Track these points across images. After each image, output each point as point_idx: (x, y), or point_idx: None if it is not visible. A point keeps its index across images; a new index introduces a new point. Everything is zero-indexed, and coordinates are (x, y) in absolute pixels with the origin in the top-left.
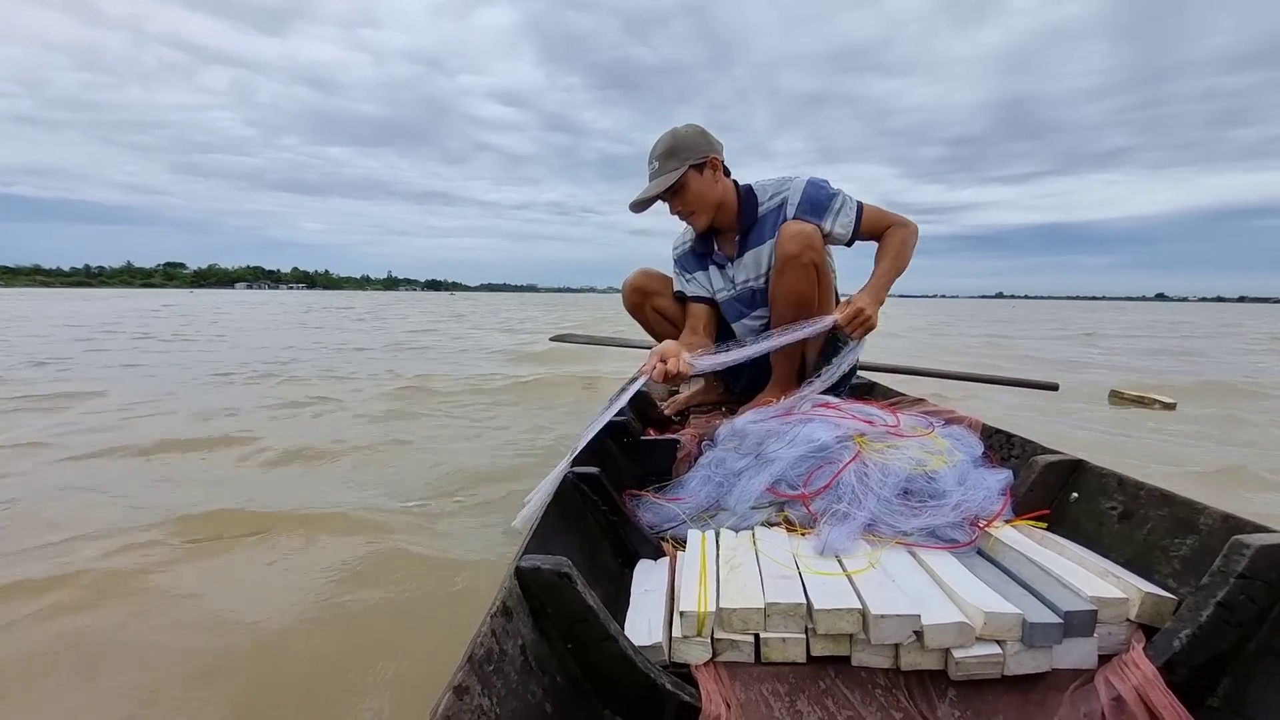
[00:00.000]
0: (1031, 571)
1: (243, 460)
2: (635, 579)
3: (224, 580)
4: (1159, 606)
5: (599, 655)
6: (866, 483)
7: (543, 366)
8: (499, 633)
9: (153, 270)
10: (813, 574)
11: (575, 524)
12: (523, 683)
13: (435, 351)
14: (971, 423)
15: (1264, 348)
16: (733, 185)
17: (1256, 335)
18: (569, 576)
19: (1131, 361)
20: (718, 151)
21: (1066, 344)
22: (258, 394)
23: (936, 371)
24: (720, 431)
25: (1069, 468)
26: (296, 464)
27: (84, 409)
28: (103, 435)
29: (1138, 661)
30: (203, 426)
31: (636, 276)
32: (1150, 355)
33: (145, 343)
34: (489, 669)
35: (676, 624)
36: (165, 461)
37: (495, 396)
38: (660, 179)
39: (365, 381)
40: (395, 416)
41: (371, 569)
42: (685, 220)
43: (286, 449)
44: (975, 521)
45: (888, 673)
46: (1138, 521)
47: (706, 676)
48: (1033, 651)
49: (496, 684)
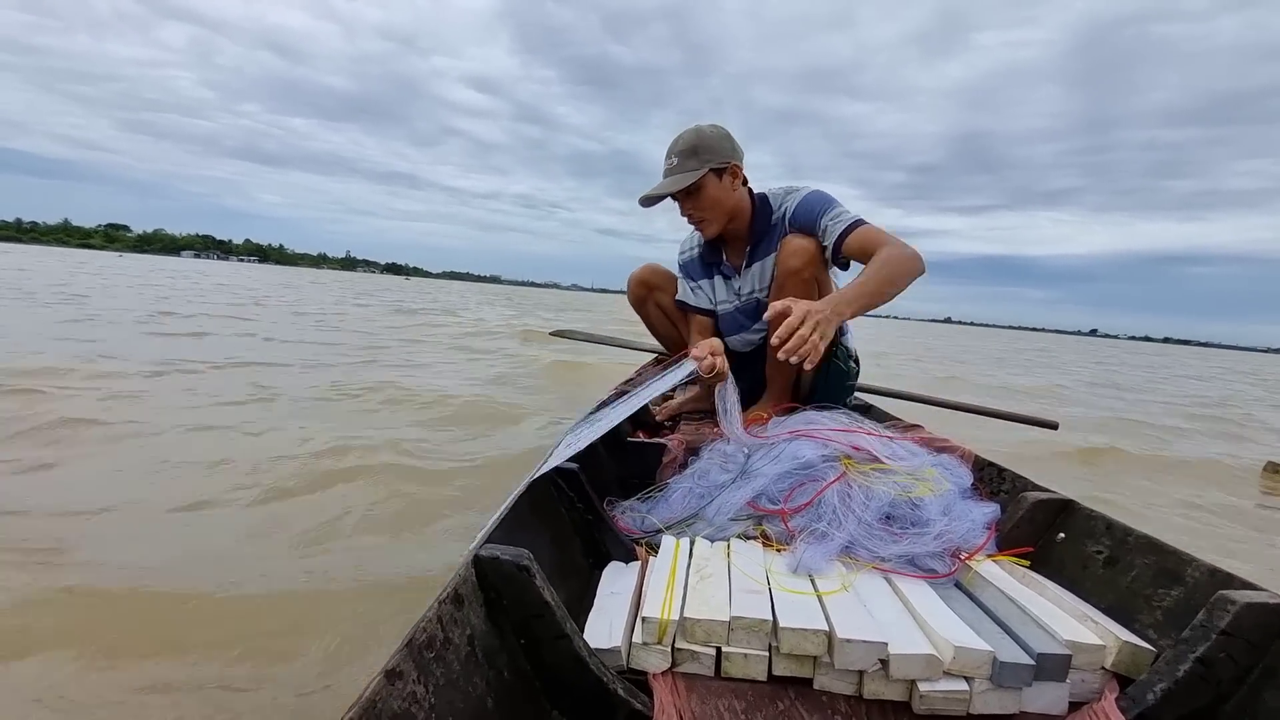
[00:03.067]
0: (1009, 609)
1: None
2: (603, 581)
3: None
4: (1136, 656)
5: (552, 653)
6: (849, 504)
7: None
8: (446, 620)
9: (93, 230)
10: (783, 591)
11: (547, 519)
12: (465, 674)
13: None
14: (964, 453)
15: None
16: (748, 195)
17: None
18: (528, 570)
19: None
20: (739, 159)
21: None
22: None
23: (934, 400)
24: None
25: (1058, 507)
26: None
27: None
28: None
29: (1109, 712)
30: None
31: (643, 271)
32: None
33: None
34: (429, 655)
35: (638, 630)
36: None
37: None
38: (677, 177)
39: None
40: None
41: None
42: (695, 224)
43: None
44: (956, 553)
45: (849, 700)
46: (1123, 568)
47: (662, 686)
48: (1001, 692)
49: (436, 672)
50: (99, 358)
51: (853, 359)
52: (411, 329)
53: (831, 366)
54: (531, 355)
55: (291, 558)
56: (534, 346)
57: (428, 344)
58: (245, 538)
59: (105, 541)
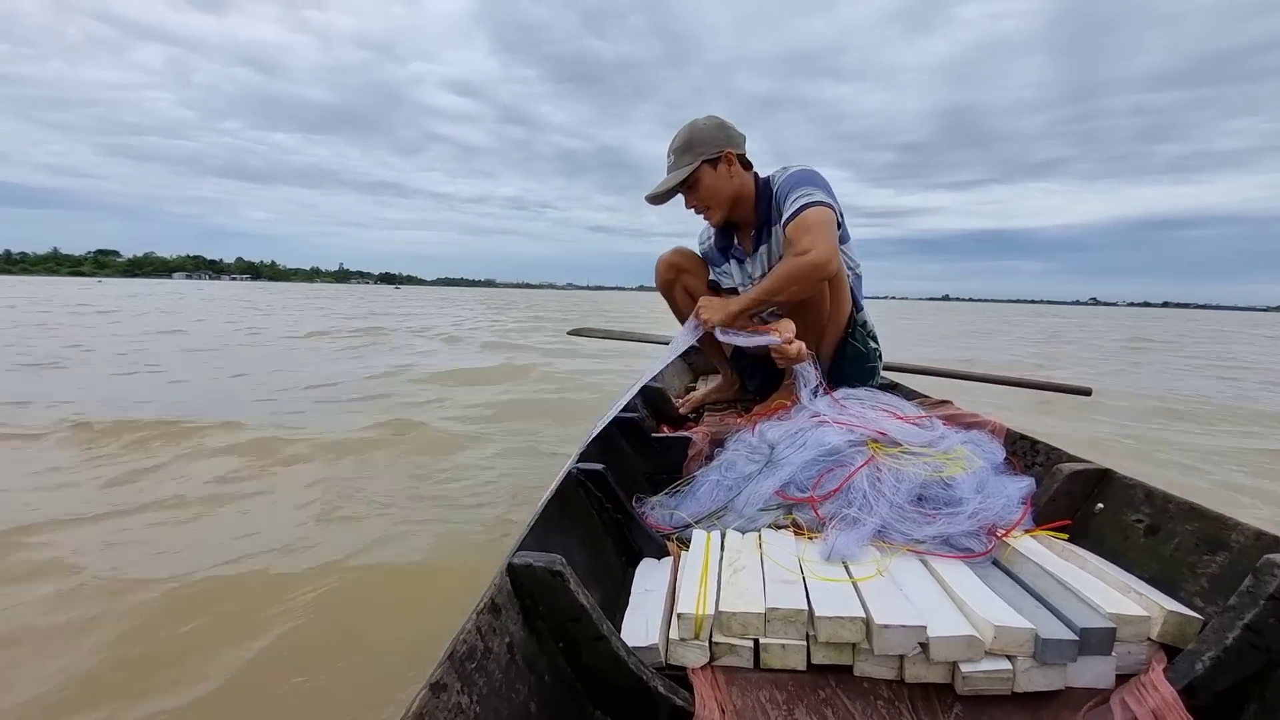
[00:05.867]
0: (1049, 585)
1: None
2: (636, 579)
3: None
4: (1182, 626)
5: (591, 655)
6: (879, 488)
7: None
8: (485, 630)
9: (82, 258)
10: (817, 580)
11: (577, 521)
12: (507, 681)
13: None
14: (995, 427)
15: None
16: (752, 179)
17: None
18: (562, 575)
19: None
20: (736, 145)
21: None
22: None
23: (962, 373)
24: (732, 437)
25: (1095, 477)
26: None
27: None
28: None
29: (1157, 683)
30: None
31: (671, 254)
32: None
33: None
34: (471, 666)
35: (674, 626)
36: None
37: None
38: (673, 174)
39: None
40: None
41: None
42: (701, 215)
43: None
44: (992, 531)
45: (891, 684)
46: (1165, 536)
47: (702, 680)
48: (1045, 668)
49: (478, 681)
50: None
51: (871, 338)
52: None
53: (849, 347)
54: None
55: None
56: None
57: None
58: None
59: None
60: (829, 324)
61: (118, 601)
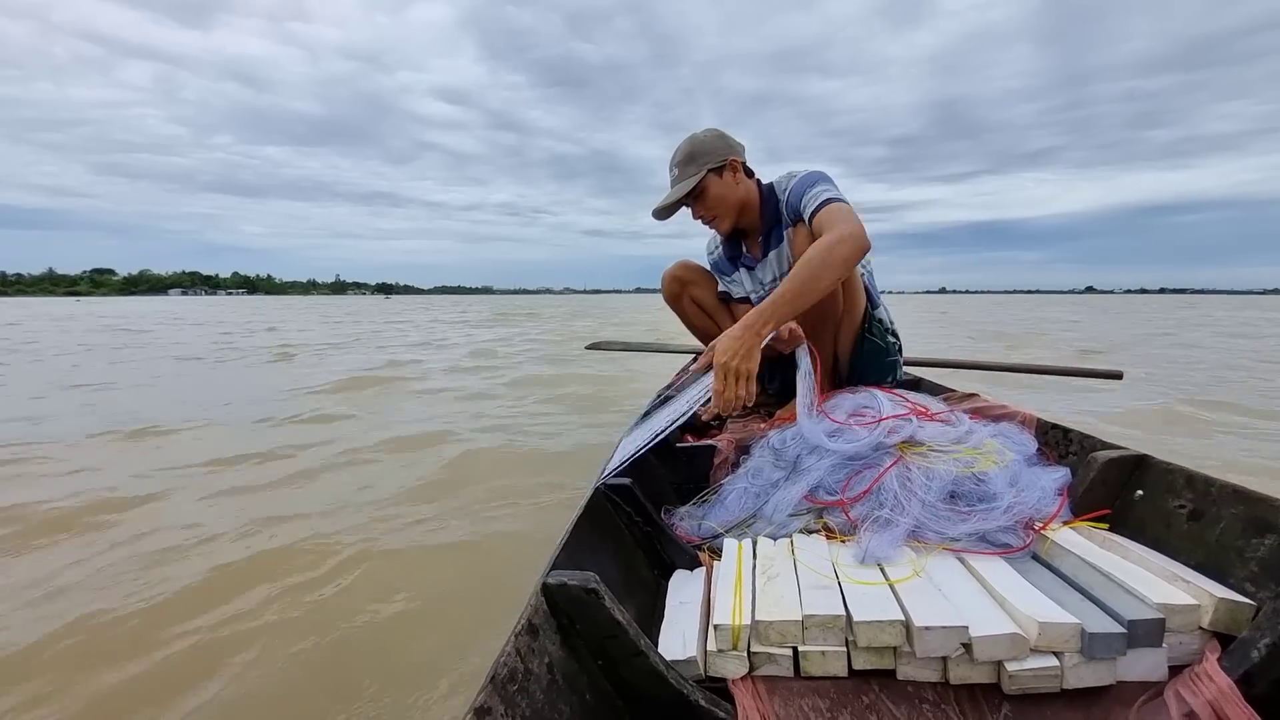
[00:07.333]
0: (1092, 577)
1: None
2: (670, 591)
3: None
4: (1235, 613)
5: (630, 671)
6: (909, 487)
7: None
8: (524, 651)
9: (78, 277)
10: (853, 584)
11: (608, 536)
12: (549, 702)
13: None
14: (1025, 418)
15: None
16: (756, 185)
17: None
18: (596, 592)
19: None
20: (738, 153)
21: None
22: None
23: (986, 364)
24: (756, 443)
25: (1132, 464)
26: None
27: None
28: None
29: (1212, 673)
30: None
31: (676, 267)
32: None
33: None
34: (513, 689)
35: (711, 637)
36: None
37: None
38: (679, 185)
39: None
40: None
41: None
42: (709, 225)
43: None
44: (1030, 524)
45: (936, 687)
46: (1209, 521)
47: (743, 691)
48: (1094, 664)
49: (521, 704)
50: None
51: (890, 333)
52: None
53: (866, 344)
54: None
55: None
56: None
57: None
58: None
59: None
60: (844, 321)
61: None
